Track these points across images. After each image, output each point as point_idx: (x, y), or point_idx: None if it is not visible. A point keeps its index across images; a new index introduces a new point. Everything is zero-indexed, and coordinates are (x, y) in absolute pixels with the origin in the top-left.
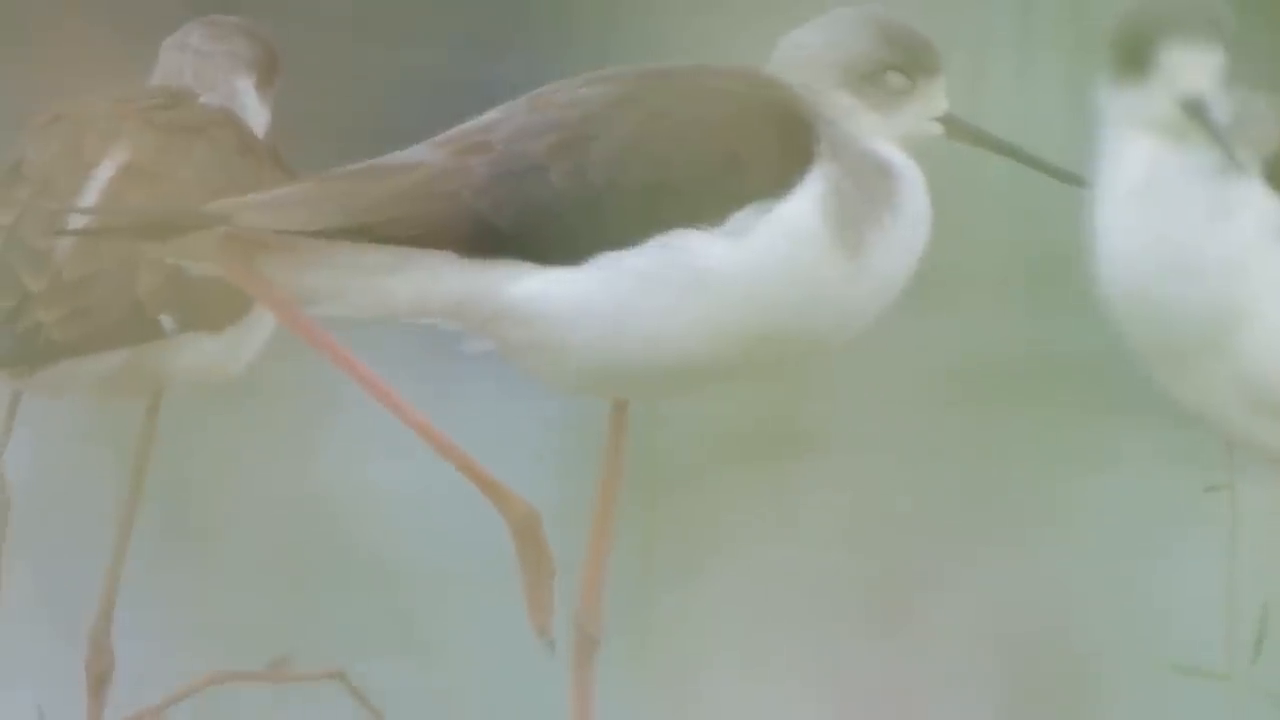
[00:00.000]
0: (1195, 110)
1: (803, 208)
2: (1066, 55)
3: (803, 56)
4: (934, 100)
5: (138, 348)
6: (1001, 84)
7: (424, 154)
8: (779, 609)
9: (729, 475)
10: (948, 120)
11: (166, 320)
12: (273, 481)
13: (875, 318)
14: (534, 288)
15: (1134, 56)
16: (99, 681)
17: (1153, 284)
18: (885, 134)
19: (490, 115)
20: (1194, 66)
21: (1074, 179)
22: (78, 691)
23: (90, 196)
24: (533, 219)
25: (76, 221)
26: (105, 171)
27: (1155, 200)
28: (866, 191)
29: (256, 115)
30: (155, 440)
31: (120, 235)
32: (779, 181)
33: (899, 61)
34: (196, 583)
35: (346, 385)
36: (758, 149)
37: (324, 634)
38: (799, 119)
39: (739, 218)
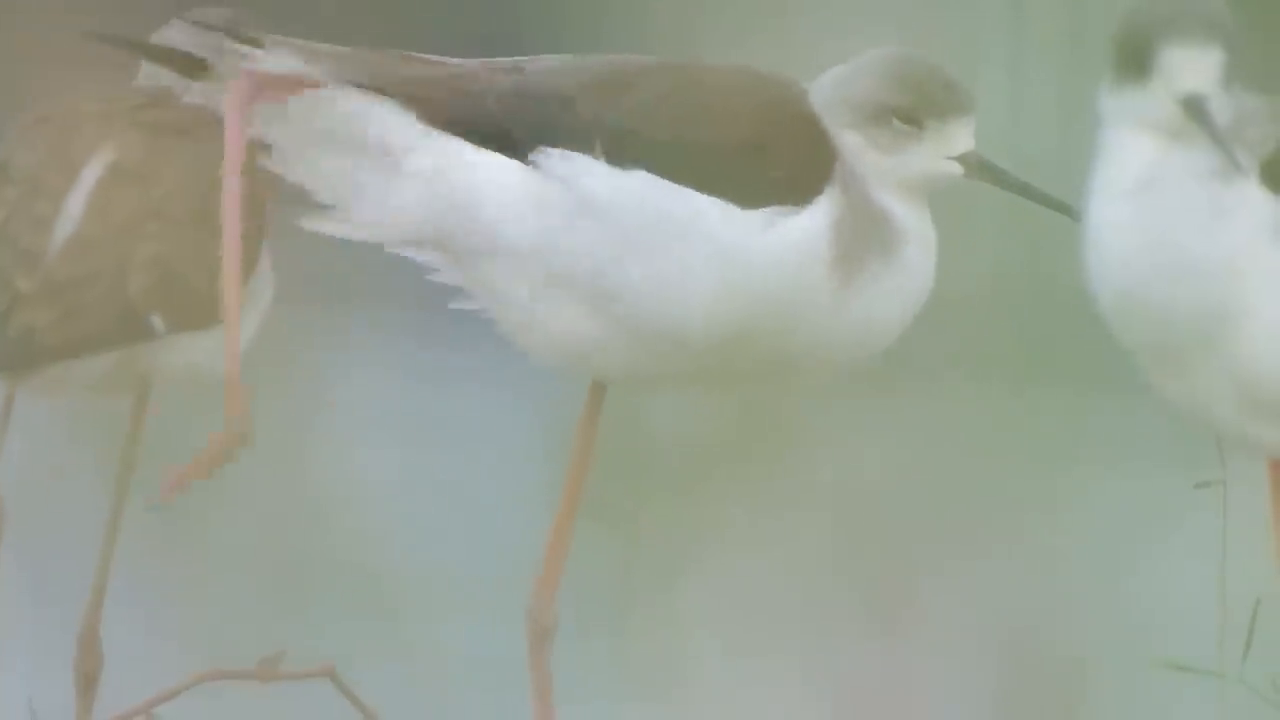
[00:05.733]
0: (1195, 110)
1: (816, 224)
2: (1060, 56)
3: (821, 94)
4: (950, 141)
5: (128, 349)
6: (994, 85)
7: (461, 61)
8: (767, 608)
9: (715, 475)
10: (966, 160)
11: (156, 320)
12: (262, 480)
13: (857, 359)
14: (564, 168)
15: (1134, 57)
16: (88, 680)
17: (1148, 284)
18: (894, 176)
19: (535, 57)
20: (1194, 66)
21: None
22: (68, 689)
23: (78, 198)
24: (550, 141)
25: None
26: (92, 173)
27: (1153, 200)
28: (863, 230)
29: None
30: (142, 439)
31: (150, 56)
32: (800, 189)
33: (905, 104)
34: (186, 581)
35: (335, 383)
36: (784, 148)
37: (314, 632)
38: (826, 138)
39: (761, 213)
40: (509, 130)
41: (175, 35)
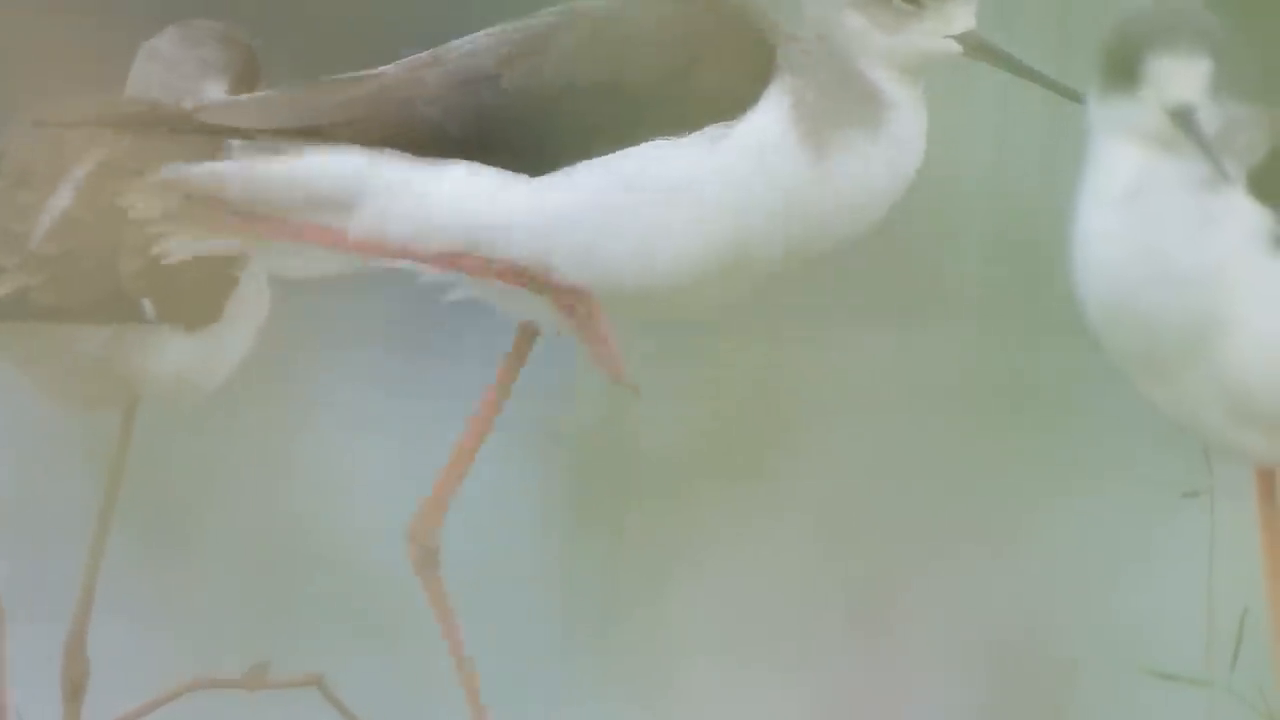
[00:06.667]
0: (1183, 120)
1: (767, 120)
2: (1048, 65)
3: None
4: (950, 19)
5: (118, 331)
6: (983, 95)
7: (381, 69)
8: (753, 615)
9: (700, 481)
10: (965, 39)
11: (147, 305)
12: (249, 488)
13: (853, 230)
14: (520, 198)
15: (1123, 67)
16: (74, 690)
17: (1137, 293)
18: (894, 54)
19: (450, 43)
20: (1182, 77)
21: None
22: (54, 698)
23: (67, 188)
24: (486, 124)
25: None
26: (83, 168)
27: (1141, 210)
28: (834, 103)
29: None
30: (130, 448)
31: (93, 124)
32: (738, 99)
33: None
34: (174, 589)
35: (322, 392)
36: (714, 59)
37: (301, 640)
38: (758, 34)
39: (705, 132)
40: (445, 128)
41: (166, 46)
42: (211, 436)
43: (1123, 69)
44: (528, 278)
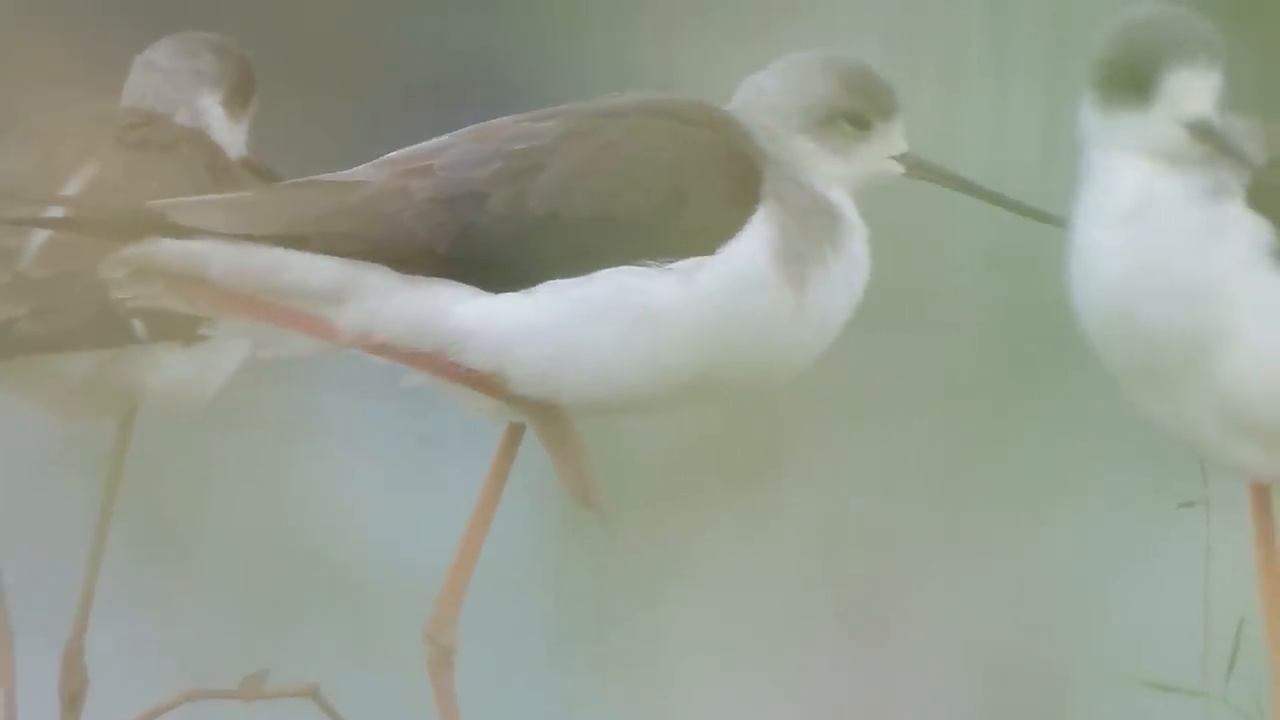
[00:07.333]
0: (1203, 131)
1: (751, 249)
2: (1042, 81)
3: (763, 102)
4: (893, 141)
5: (110, 353)
6: (976, 111)
7: (366, 173)
8: (748, 624)
9: (698, 492)
10: (907, 159)
11: (138, 325)
12: (246, 499)
13: (815, 355)
14: (480, 310)
15: (1132, 82)
16: (72, 700)
17: (1138, 307)
18: (843, 176)
19: (436, 142)
20: (1197, 90)
21: (1033, 213)
22: (53, 709)
23: (56, 211)
24: (470, 245)
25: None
26: (75, 185)
27: (1145, 224)
28: (810, 230)
29: (225, 134)
30: (127, 459)
31: (58, 228)
32: (720, 233)
33: (856, 106)
34: (171, 599)
35: (319, 405)
36: (702, 194)
37: (298, 650)
38: (747, 162)
39: (683, 263)
40: (432, 247)
41: (161, 58)
42: (208, 447)
43: (1132, 83)
44: (494, 388)
